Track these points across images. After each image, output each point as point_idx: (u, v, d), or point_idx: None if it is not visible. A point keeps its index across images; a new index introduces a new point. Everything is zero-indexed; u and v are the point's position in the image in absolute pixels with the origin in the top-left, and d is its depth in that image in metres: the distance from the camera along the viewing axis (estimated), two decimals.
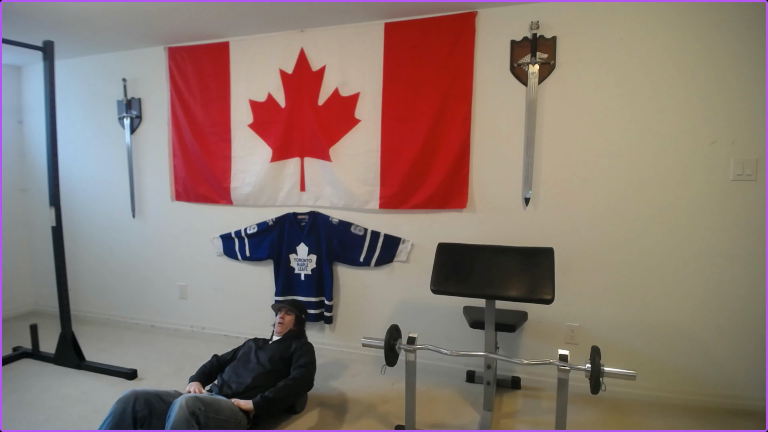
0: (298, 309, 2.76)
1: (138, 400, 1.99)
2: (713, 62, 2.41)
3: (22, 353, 3.17)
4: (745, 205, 2.44)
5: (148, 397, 2.01)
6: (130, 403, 1.97)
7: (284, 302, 2.80)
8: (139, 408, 1.97)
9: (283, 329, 2.66)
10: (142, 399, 2.00)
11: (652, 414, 2.49)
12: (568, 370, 1.91)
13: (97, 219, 3.92)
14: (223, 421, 2.01)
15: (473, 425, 2.39)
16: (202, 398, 1.99)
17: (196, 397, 1.97)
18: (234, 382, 2.34)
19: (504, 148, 2.78)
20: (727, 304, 2.50)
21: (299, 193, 3.24)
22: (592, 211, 2.66)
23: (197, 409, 1.91)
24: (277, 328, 2.67)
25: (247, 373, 2.39)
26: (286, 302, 2.79)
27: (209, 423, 1.95)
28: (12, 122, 4.06)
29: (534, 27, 2.62)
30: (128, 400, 1.98)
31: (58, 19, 2.89)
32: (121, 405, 1.97)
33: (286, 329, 2.66)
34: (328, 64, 3.06)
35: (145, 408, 1.98)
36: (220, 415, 2.01)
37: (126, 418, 1.94)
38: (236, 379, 2.36)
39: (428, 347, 2.17)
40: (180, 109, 3.46)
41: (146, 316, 3.84)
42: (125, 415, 1.94)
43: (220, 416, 2.00)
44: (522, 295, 2.13)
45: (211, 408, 1.98)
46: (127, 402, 1.97)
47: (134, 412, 1.96)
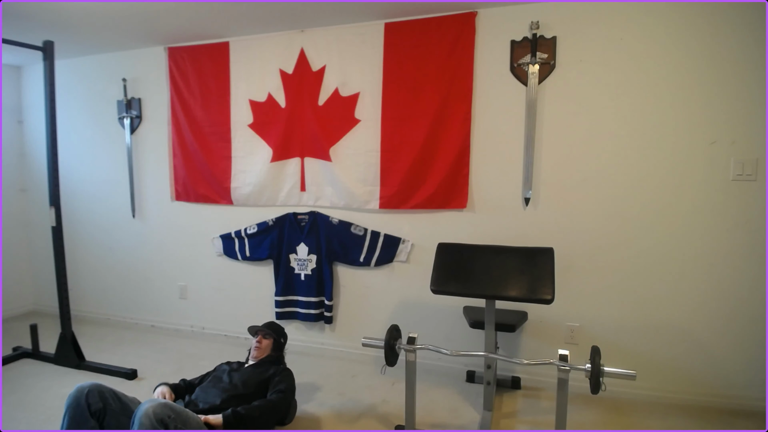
0: (277, 333, 2.59)
1: (91, 392, 1.87)
2: (713, 62, 2.41)
3: (22, 353, 3.17)
4: (745, 205, 2.44)
5: (101, 389, 1.90)
6: (82, 396, 1.86)
7: (262, 326, 2.60)
8: (93, 400, 1.86)
9: (260, 354, 2.47)
10: (95, 390, 1.88)
11: (652, 414, 2.49)
12: (568, 370, 1.91)
13: (97, 219, 3.92)
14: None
15: (473, 425, 2.39)
16: (173, 406, 1.79)
17: (165, 403, 1.77)
18: (202, 401, 2.16)
19: (504, 148, 2.78)
20: (727, 304, 2.50)
21: (299, 193, 3.24)
22: (592, 211, 2.66)
23: (166, 417, 1.71)
24: (253, 353, 2.48)
25: (216, 392, 2.19)
26: (264, 326, 2.61)
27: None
28: (12, 122, 4.06)
29: (534, 27, 2.62)
30: (79, 393, 1.87)
31: (58, 19, 2.89)
32: (73, 400, 1.86)
33: (264, 354, 2.47)
34: (328, 64, 3.06)
35: (99, 401, 1.86)
36: (187, 427, 1.81)
37: (83, 411, 1.84)
38: (204, 398, 2.18)
39: (428, 347, 2.17)
40: (180, 109, 3.46)
41: (146, 316, 3.84)
42: (80, 409, 1.84)
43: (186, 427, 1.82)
44: (522, 295, 2.13)
45: (180, 418, 1.79)
46: (79, 396, 1.86)
47: (88, 404, 1.85)
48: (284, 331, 2.68)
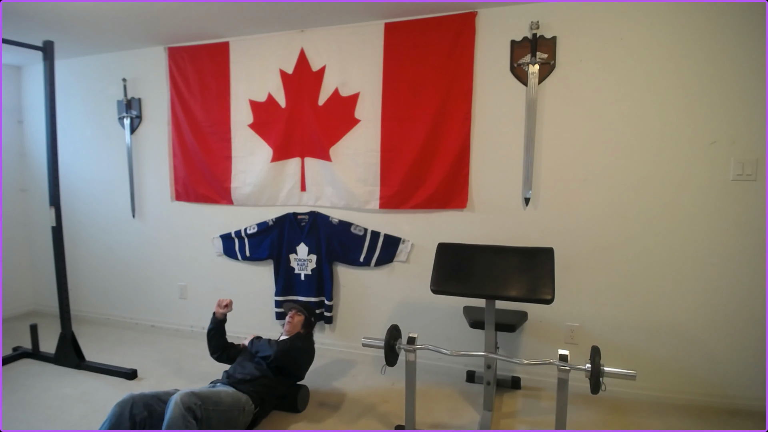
0: (309, 311, 2.75)
1: (136, 403, 1.96)
2: (713, 62, 2.41)
3: (22, 353, 3.17)
4: (745, 205, 2.44)
5: (147, 400, 1.99)
6: (128, 406, 1.95)
7: (296, 303, 2.78)
8: (137, 411, 1.94)
9: (292, 329, 2.64)
10: (141, 402, 1.97)
11: (652, 414, 2.49)
12: (568, 370, 1.91)
13: (97, 219, 3.92)
14: (224, 411, 1.99)
15: (473, 425, 2.39)
16: (199, 392, 1.97)
17: (192, 392, 1.95)
18: (240, 373, 2.36)
19: (504, 148, 2.78)
20: (726, 304, 2.50)
21: (300, 193, 3.24)
22: (592, 211, 2.66)
23: (193, 404, 1.89)
24: (286, 327, 2.66)
25: (252, 365, 2.42)
26: (298, 303, 2.79)
27: (210, 416, 1.94)
28: (12, 122, 4.06)
29: (534, 27, 2.62)
30: (126, 403, 1.96)
31: (58, 19, 2.89)
32: (118, 408, 1.95)
33: (295, 330, 2.64)
34: (328, 64, 3.06)
35: (144, 411, 1.96)
36: (221, 406, 2.00)
37: (124, 421, 1.92)
38: (241, 370, 2.38)
39: (428, 347, 2.17)
40: (180, 109, 3.46)
41: (146, 316, 3.84)
42: (123, 419, 1.92)
43: (221, 407, 1.99)
44: (522, 295, 2.13)
45: (210, 401, 1.97)
46: (125, 405, 1.95)
47: (132, 415, 1.93)
48: (315, 312, 2.86)
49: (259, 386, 2.29)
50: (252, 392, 2.23)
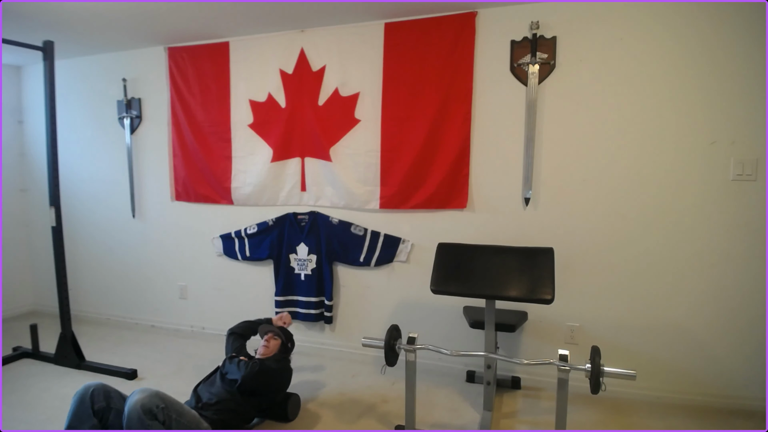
0: (286, 337, 2.63)
1: (96, 390, 1.96)
2: (713, 62, 2.41)
3: (22, 353, 3.17)
4: (745, 205, 2.44)
5: (107, 389, 1.99)
6: (87, 394, 1.95)
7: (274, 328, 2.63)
8: (97, 399, 1.94)
9: (266, 352, 2.49)
10: (100, 390, 1.97)
11: (652, 414, 2.49)
12: (568, 370, 1.91)
13: (97, 219, 3.92)
14: (182, 425, 1.90)
15: (473, 425, 2.39)
16: (163, 395, 1.88)
17: (156, 393, 1.86)
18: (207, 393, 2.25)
19: (504, 148, 2.78)
20: (727, 304, 2.50)
21: (300, 193, 3.24)
22: (592, 211, 2.66)
23: (154, 407, 1.81)
24: (260, 350, 2.51)
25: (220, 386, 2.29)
26: (277, 328, 2.65)
27: (170, 423, 1.86)
28: (12, 122, 4.06)
29: (534, 27, 2.62)
30: (85, 391, 1.96)
31: (58, 19, 2.89)
32: (79, 397, 1.95)
33: (270, 353, 2.49)
34: (328, 64, 3.06)
35: (103, 399, 1.95)
36: (182, 418, 1.91)
37: (86, 409, 1.92)
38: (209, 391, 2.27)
39: (428, 347, 2.17)
40: (180, 109, 3.46)
41: (146, 316, 3.84)
42: (84, 406, 1.93)
43: (182, 420, 1.90)
44: (522, 295, 2.13)
45: (173, 408, 1.89)
46: (84, 393, 1.95)
47: (92, 402, 1.93)
48: (293, 338, 2.69)
49: (225, 411, 2.17)
50: (216, 419, 2.11)
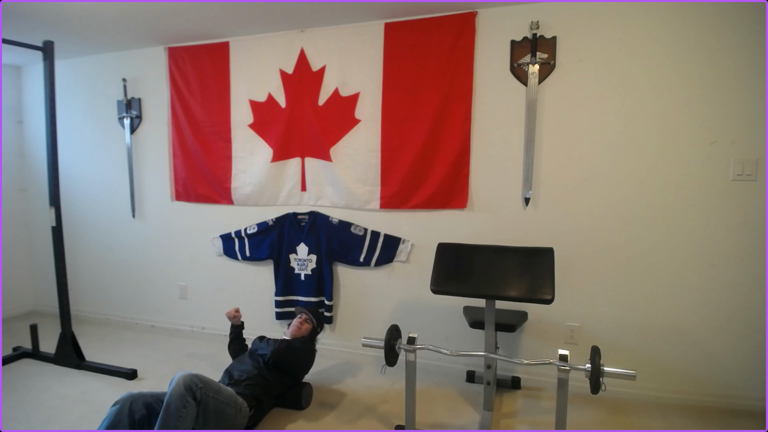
0: (318, 322, 2.75)
1: (135, 401, 1.95)
2: (713, 62, 2.41)
3: (22, 353, 3.17)
4: (745, 205, 2.44)
5: (146, 399, 1.98)
6: (127, 404, 1.94)
7: (307, 312, 2.77)
8: (137, 409, 1.94)
9: (296, 333, 2.65)
10: (140, 401, 1.96)
11: (652, 414, 2.49)
12: (568, 370, 1.91)
13: (97, 219, 3.92)
14: (221, 403, 1.99)
15: (473, 425, 2.39)
16: (202, 377, 1.97)
17: (195, 374, 1.95)
18: (237, 371, 2.38)
19: (504, 148, 2.78)
20: (727, 304, 2.50)
21: (300, 193, 3.24)
22: (592, 211, 2.66)
23: (194, 385, 1.90)
24: (291, 329, 2.67)
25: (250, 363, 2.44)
26: (310, 311, 2.78)
27: (208, 402, 1.93)
28: (12, 122, 4.06)
29: (534, 27, 2.62)
30: (125, 401, 1.95)
31: (58, 19, 2.89)
32: (117, 407, 1.94)
33: (299, 335, 2.65)
34: (328, 64, 3.06)
35: (144, 409, 1.95)
36: (220, 396, 2.00)
37: (123, 419, 1.90)
38: (239, 368, 2.41)
39: (428, 347, 2.17)
40: (180, 109, 3.46)
41: (146, 316, 3.84)
42: (122, 416, 1.91)
43: (219, 397, 1.99)
44: (522, 295, 2.13)
45: (211, 387, 1.97)
46: (124, 403, 1.94)
47: (131, 413, 1.92)
48: (324, 323, 2.86)
49: (255, 386, 2.29)
50: (248, 394, 2.22)
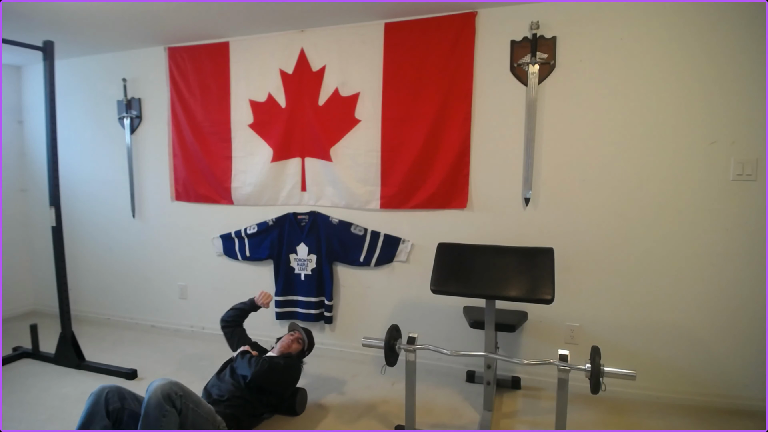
0: (309, 343, 2.64)
1: (111, 391, 1.96)
2: (713, 62, 2.41)
3: (22, 353, 3.17)
4: (745, 205, 2.44)
5: (121, 390, 1.99)
6: (103, 394, 1.94)
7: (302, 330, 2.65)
8: (111, 398, 1.94)
9: (284, 350, 2.53)
10: (115, 391, 1.97)
11: (652, 414, 2.49)
12: (568, 370, 1.91)
13: (97, 219, 3.92)
14: (200, 416, 1.94)
15: (473, 425, 2.39)
16: (182, 386, 1.92)
17: (176, 382, 1.91)
18: (216, 389, 2.29)
19: (504, 148, 2.78)
20: (727, 304, 2.50)
21: (300, 193, 3.24)
22: (592, 211, 2.66)
23: (173, 393, 1.85)
24: (280, 345, 2.55)
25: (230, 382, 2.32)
26: (304, 331, 2.65)
27: (187, 413, 1.89)
28: (12, 122, 4.06)
29: (534, 27, 2.62)
30: (100, 392, 1.96)
31: (58, 19, 2.89)
32: (93, 397, 1.95)
33: (286, 352, 2.52)
34: (328, 64, 3.06)
35: (118, 401, 1.95)
36: (199, 409, 1.94)
37: (100, 409, 1.91)
38: (218, 387, 2.30)
39: (428, 347, 2.17)
40: (180, 109, 3.46)
41: (146, 316, 3.84)
42: (98, 407, 1.92)
43: (198, 410, 1.94)
44: (522, 295, 2.13)
45: (191, 398, 1.93)
46: (99, 394, 1.95)
47: (107, 402, 1.93)
48: (313, 347, 2.69)
49: (234, 406, 2.20)
50: (228, 413, 2.14)
